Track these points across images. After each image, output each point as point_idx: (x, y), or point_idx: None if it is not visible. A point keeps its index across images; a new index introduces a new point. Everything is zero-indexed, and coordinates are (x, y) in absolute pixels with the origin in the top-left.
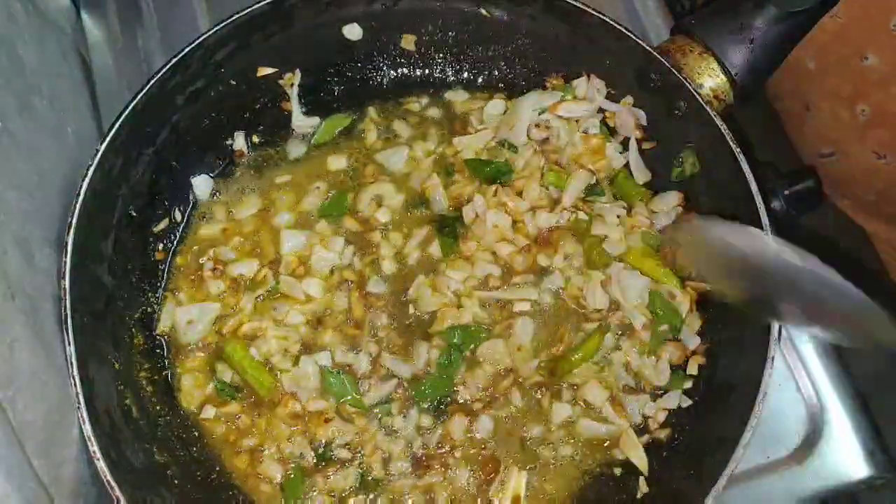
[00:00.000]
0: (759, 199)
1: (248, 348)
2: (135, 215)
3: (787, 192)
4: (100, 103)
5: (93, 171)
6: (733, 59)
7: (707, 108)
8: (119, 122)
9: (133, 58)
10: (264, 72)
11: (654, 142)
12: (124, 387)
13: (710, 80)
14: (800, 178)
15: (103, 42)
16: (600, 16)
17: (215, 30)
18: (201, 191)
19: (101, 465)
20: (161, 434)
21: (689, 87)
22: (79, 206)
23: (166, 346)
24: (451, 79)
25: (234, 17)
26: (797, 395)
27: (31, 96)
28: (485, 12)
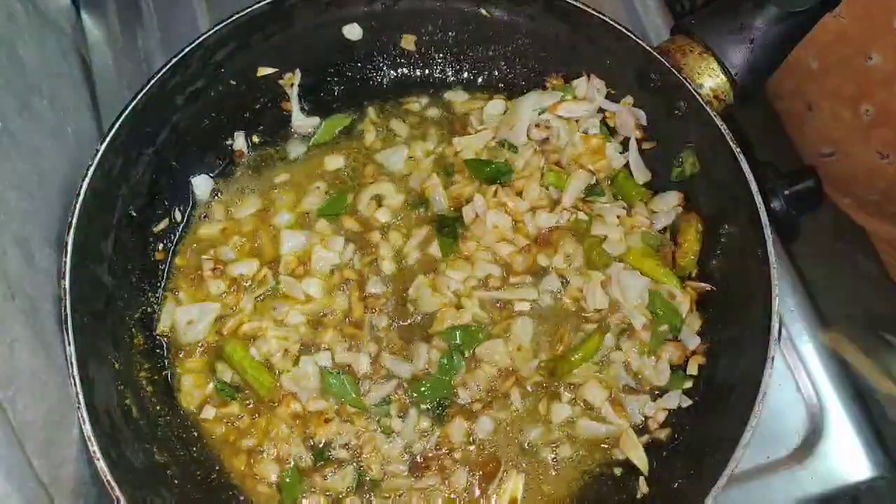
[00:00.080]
0: (759, 199)
1: (248, 348)
2: (135, 215)
3: (787, 192)
4: (100, 103)
5: (93, 171)
6: (733, 59)
7: (707, 108)
8: (119, 122)
9: (133, 58)
10: (264, 72)
11: (654, 142)
12: (124, 387)
13: (710, 80)
14: (800, 178)
15: (103, 42)
16: (600, 16)
17: (215, 30)
18: (201, 191)
19: (101, 465)
20: (161, 434)
21: (689, 87)
22: (79, 206)
23: (166, 346)
24: (451, 79)
25: (234, 17)
26: (797, 395)
27: (31, 96)
28: (485, 12)
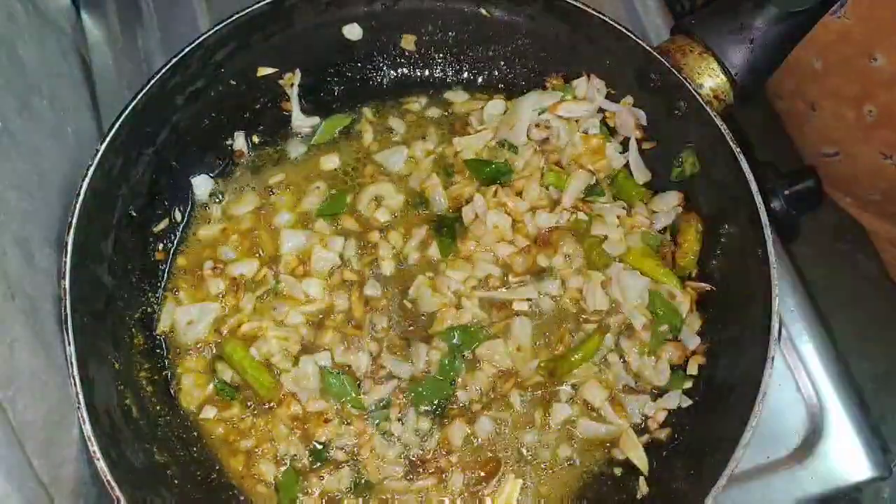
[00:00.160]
0: (759, 199)
1: (248, 348)
2: (135, 215)
3: (787, 192)
4: (100, 103)
5: (93, 171)
6: (733, 59)
7: (707, 108)
8: (119, 122)
9: (133, 58)
10: (264, 72)
11: (654, 142)
12: (124, 387)
13: (710, 80)
14: (800, 178)
15: (103, 42)
16: (600, 16)
17: (215, 30)
18: (201, 191)
19: (101, 465)
20: (161, 434)
21: (689, 87)
22: (79, 206)
23: (166, 346)
24: (450, 79)
25: (234, 17)
26: (797, 395)
27: (31, 96)
28: (485, 12)
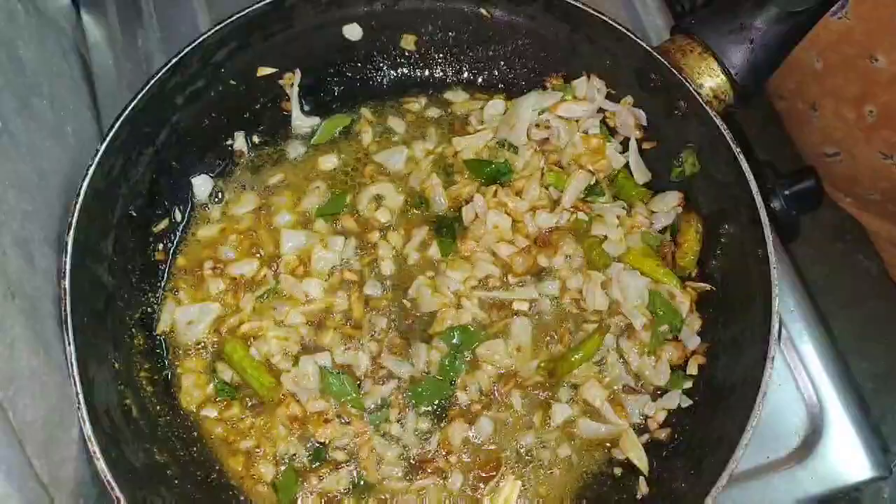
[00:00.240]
0: (759, 199)
1: (248, 348)
2: (135, 215)
3: (787, 192)
4: (100, 103)
5: (93, 171)
6: (733, 59)
7: (707, 108)
8: (119, 122)
9: (133, 58)
10: (264, 72)
11: (654, 142)
12: (124, 387)
13: (710, 80)
14: (800, 178)
15: (103, 42)
16: (600, 16)
17: (215, 30)
18: (201, 191)
19: (101, 465)
20: (161, 434)
21: (689, 87)
22: (79, 206)
23: (166, 346)
24: (450, 79)
25: (234, 17)
26: (797, 395)
27: (31, 96)
28: (485, 12)
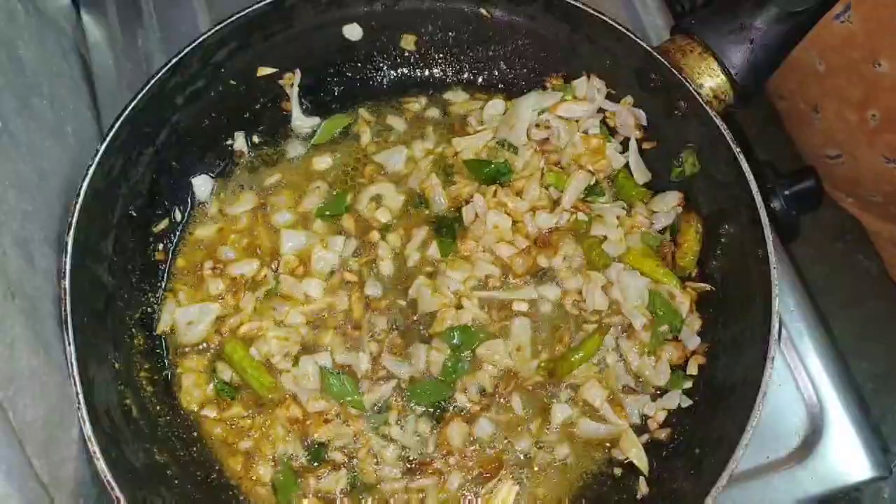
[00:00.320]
0: (759, 199)
1: (248, 348)
2: (135, 215)
3: (787, 192)
4: (100, 103)
5: (93, 171)
6: (733, 59)
7: (707, 108)
8: (119, 122)
9: (133, 58)
10: (264, 72)
11: (654, 142)
12: (124, 387)
13: (710, 80)
14: (800, 178)
15: (103, 42)
16: (600, 16)
17: (215, 30)
18: (201, 191)
19: (101, 465)
20: (161, 434)
21: (689, 87)
22: (79, 206)
23: (166, 346)
24: (450, 79)
25: (234, 17)
26: (797, 395)
27: (31, 96)
28: (485, 12)
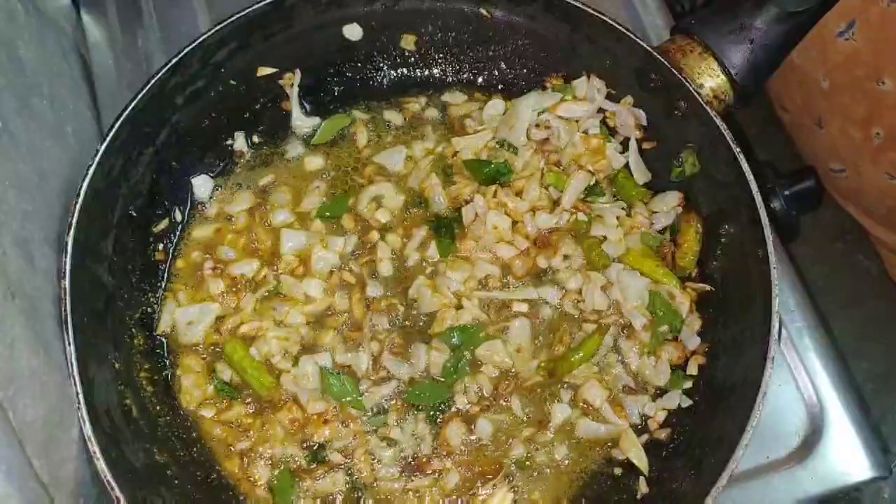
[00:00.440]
0: (759, 199)
1: (248, 348)
2: (135, 215)
3: (787, 192)
4: (100, 103)
5: (93, 171)
6: (733, 59)
7: (707, 108)
8: (119, 122)
9: (133, 58)
10: (264, 72)
11: (654, 142)
12: (124, 387)
13: (710, 80)
14: (800, 178)
15: (103, 42)
16: (600, 16)
17: (215, 30)
18: (201, 191)
19: (101, 465)
20: (161, 434)
21: (689, 87)
22: (79, 206)
23: (166, 346)
24: (450, 79)
25: (234, 17)
26: (797, 395)
27: (31, 96)
28: (485, 12)
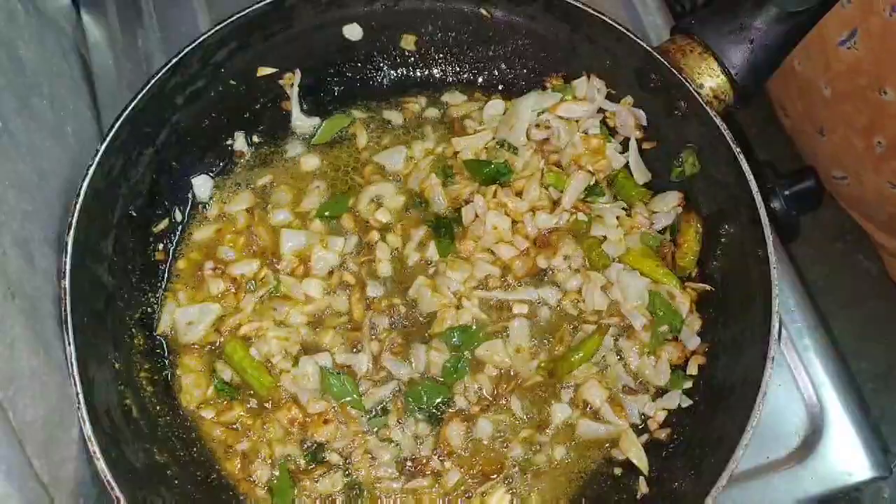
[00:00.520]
0: (759, 199)
1: (248, 348)
2: (135, 215)
3: (787, 192)
4: (100, 103)
5: (93, 171)
6: (733, 59)
7: (707, 108)
8: (119, 122)
9: (133, 58)
10: (264, 72)
11: (654, 142)
12: (124, 387)
13: (710, 80)
14: (800, 178)
15: (103, 42)
16: (600, 16)
17: (215, 30)
18: (201, 191)
19: (101, 465)
20: (161, 434)
21: (689, 87)
22: (79, 206)
23: (166, 347)
24: (450, 79)
25: (234, 17)
26: (797, 395)
27: (31, 96)
28: (485, 12)
